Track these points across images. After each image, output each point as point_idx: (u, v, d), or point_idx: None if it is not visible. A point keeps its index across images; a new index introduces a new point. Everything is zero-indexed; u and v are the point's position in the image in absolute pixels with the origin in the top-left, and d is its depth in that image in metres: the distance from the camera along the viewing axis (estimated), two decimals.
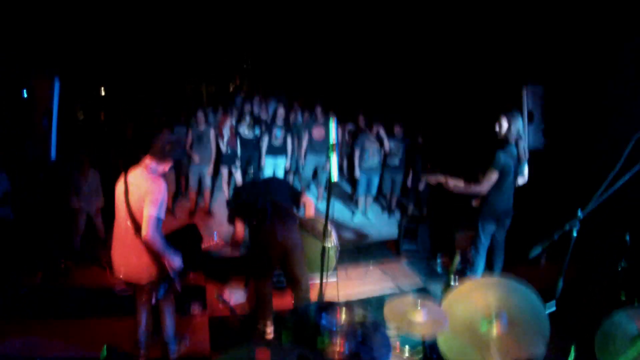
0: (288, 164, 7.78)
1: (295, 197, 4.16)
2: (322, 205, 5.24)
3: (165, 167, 3.32)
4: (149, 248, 3.15)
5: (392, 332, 2.56)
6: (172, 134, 3.30)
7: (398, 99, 9.20)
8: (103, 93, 9.26)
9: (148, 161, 3.23)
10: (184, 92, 12.72)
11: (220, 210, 7.64)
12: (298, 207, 4.22)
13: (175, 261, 3.21)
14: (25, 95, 4.46)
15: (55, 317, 4.22)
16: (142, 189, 3.09)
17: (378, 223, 7.61)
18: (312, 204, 4.30)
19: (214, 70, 12.82)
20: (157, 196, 3.07)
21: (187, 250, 3.41)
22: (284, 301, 4.75)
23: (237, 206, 4.01)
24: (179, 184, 7.80)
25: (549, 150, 5.38)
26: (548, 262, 5.35)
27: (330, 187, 2.68)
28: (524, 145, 4.35)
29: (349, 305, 2.37)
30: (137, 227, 3.13)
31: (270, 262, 3.93)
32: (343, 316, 2.27)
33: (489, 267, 4.78)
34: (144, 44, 9.01)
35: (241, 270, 5.19)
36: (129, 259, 3.24)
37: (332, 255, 4.77)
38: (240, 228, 3.93)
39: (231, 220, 4.03)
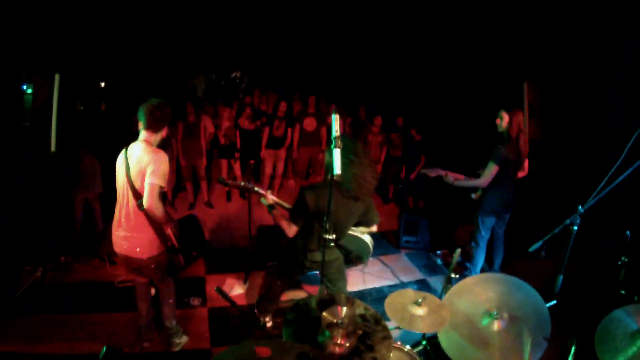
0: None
1: (367, 220, 3.52)
2: None
3: (163, 134, 3.31)
4: (151, 218, 3.17)
5: (392, 326, 2.56)
6: (157, 101, 3.24)
7: (399, 94, 9.19)
8: (103, 85, 9.21)
9: (146, 135, 3.21)
10: (184, 83, 12.67)
11: (220, 201, 7.66)
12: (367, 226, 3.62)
13: (176, 231, 3.31)
14: (25, 89, 4.45)
15: (55, 312, 4.22)
16: (144, 162, 3.09)
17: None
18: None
19: (214, 62, 12.76)
20: (158, 166, 3.08)
21: (189, 239, 3.43)
22: (288, 294, 4.79)
23: (301, 207, 3.31)
24: (179, 177, 7.80)
25: (550, 145, 5.38)
26: (548, 257, 5.35)
27: (332, 180, 2.64)
28: (524, 139, 4.35)
29: (349, 298, 2.37)
30: (139, 201, 3.14)
31: (302, 270, 3.69)
32: (343, 310, 2.27)
33: (489, 261, 4.79)
34: (143, 35, 8.95)
35: (241, 263, 5.20)
36: (131, 233, 3.24)
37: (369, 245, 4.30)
38: (293, 230, 3.38)
39: (293, 217, 3.39)
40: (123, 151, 3.25)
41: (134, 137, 3.27)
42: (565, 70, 5.37)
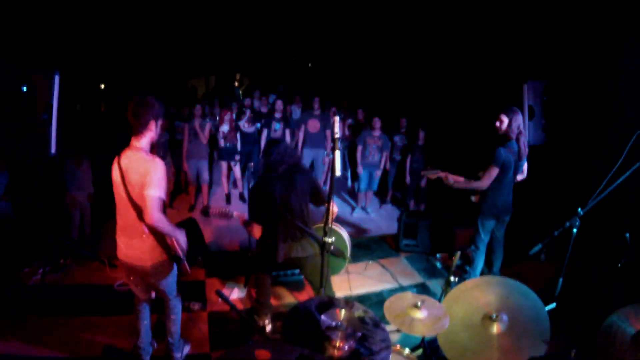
0: None
1: (317, 197, 3.82)
2: None
3: (153, 133, 3.08)
4: (154, 230, 3.04)
5: (392, 329, 2.56)
6: (138, 98, 3.03)
7: (398, 96, 9.20)
8: (102, 87, 9.23)
9: (135, 140, 3.04)
10: (184, 86, 12.70)
11: (219, 204, 7.65)
12: (317, 205, 3.90)
13: (181, 239, 3.14)
14: (25, 90, 4.44)
15: (54, 314, 4.21)
16: (140, 171, 2.94)
17: (377, 218, 7.60)
18: (335, 213, 3.73)
19: (214, 64, 12.79)
20: (155, 175, 2.92)
21: (188, 244, 3.34)
22: (287, 298, 4.79)
23: (254, 205, 3.82)
24: (178, 179, 7.80)
25: (549, 147, 5.37)
26: (548, 260, 5.34)
27: (333, 182, 2.64)
28: (524, 142, 4.35)
29: (348, 301, 2.36)
30: (138, 211, 3.00)
31: (276, 266, 3.90)
32: (342, 313, 2.27)
33: (489, 264, 4.78)
34: (144, 37, 8.97)
35: (241, 267, 5.20)
36: (132, 242, 3.11)
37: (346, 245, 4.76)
38: (257, 230, 3.78)
39: (251, 217, 3.82)
40: (116, 160, 3.07)
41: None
42: (564, 73, 5.37)
